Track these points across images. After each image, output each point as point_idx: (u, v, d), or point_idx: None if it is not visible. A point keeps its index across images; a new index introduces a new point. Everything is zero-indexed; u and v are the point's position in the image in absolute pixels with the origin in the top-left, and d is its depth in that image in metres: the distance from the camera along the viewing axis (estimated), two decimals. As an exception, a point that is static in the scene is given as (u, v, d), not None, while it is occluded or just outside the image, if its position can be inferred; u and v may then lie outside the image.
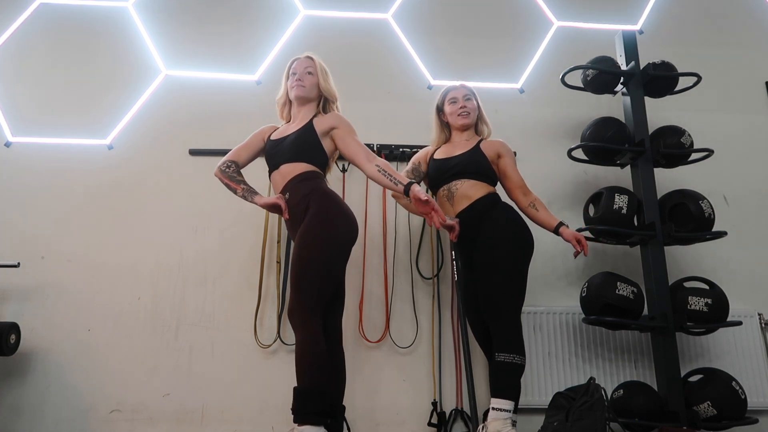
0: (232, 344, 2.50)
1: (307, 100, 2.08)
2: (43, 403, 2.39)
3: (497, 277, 2.00)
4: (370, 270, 2.62)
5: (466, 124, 2.29)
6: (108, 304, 2.52)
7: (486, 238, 2.08)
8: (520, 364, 1.93)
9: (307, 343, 1.74)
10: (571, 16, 3.09)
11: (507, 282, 2.00)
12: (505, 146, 2.27)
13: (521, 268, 2.05)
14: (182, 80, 2.86)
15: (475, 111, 2.30)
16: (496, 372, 1.94)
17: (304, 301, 1.77)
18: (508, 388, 1.91)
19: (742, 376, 2.44)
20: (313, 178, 1.95)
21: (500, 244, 2.04)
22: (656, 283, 2.32)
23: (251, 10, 3.01)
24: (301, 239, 1.83)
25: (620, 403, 2.23)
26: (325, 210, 1.86)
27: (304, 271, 1.79)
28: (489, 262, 2.04)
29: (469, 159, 2.20)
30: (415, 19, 3.03)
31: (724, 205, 2.82)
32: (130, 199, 2.67)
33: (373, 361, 2.52)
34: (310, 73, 2.08)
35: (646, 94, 2.59)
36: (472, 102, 2.30)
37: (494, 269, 2.02)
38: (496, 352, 1.94)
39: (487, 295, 2.02)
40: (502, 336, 1.96)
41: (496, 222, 2.08)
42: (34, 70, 2.84)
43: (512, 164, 2.25)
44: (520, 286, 2.04)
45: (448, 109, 2.31)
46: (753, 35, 3.16)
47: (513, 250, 2.04)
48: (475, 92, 2.34)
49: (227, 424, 2.41)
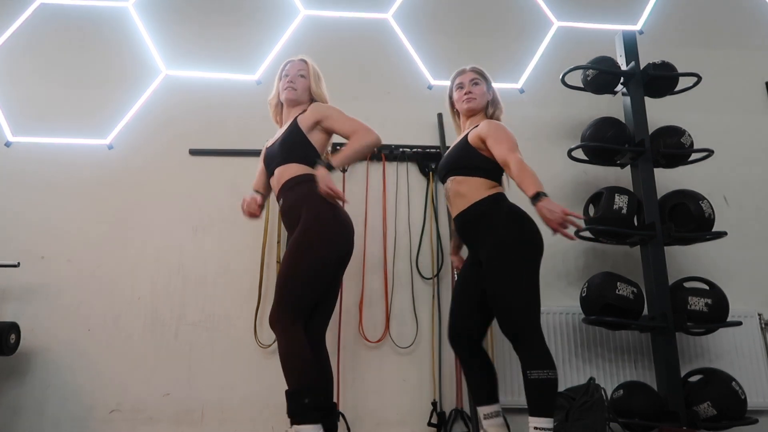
0: (232, 344, 2.50)
1: (297, 103, 2.07)
2: (43, 403, 2.39)
3: (507, 292, 1.86)
4: (370, 270, 2.62)
5: (469, 109, 2.11)
6: (108, 304, 2.52)
7: (487, 248, 1.91)
8: (553, 378, 1.80)
9: (290, 349, 1.72)
10: (571, 16, 3.09)
11: (518, 295, 1.85)
12: (487, 125, 1.99)
13: (530, 276, 1.88)
14: (182, 80, 2.85)
15: (483, 95, 2.11)
16: (531, 391, 1.82)
17: (286, 310, 1.76)
18: (546, 406, 1.81)
19: (742, 376, 2.44)
20: (306, 181, 1.89)
21: (502, 255, 1.88)
22: (656, 283, 2.32)
23: (251, 10, 3.01)
24: (289, 249, 1.83)
25: (620, 403, 2.23)
26: (315, 220, 1.82)
27: (288, 281, 1.78)
28: (494, 276, 1.88)
29: (456, 152, 2.06)
30: (415, 19, 3.03)
31: (724, 205, 2.82)
32: (130, 199, 2.67)
33: (373, 361, 2.52)
34: (302, 77, 2.06)
35: (646, 94, 2.59)
36: (479, 87, 2.12)
37: (501, 285, 1.86)
38: (527, 370, 1.82)
39: (501, 312, 1.88)
40: (527, 353, 1.85)
41: (496, 229, 1.90)
42: (34, 70, 2.84)
43: (495, 141, 1.94)
44: (532, 294, 1.87)
45: (455, 96, 2.17)
46: (753, 35, 3.16)
47: (517, 260, 1.87)
48: (487, 75, 2.16)
49: (227, 424, 2.41)
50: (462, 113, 2.17)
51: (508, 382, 2.46)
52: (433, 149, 2.77)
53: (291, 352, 1.72)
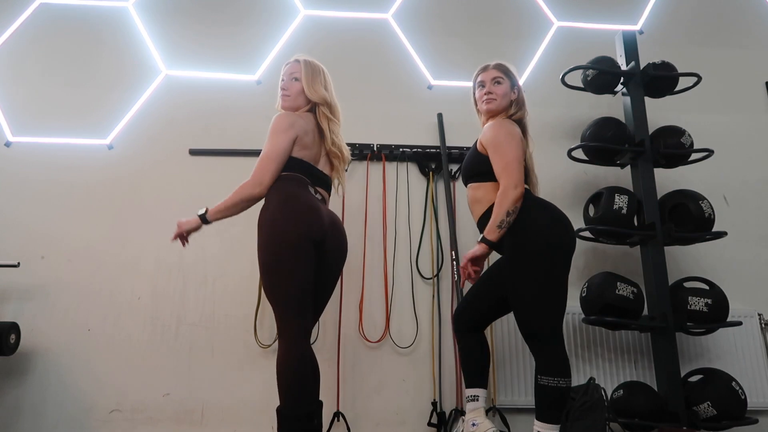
0: (232, 344, 2.50)
1: (294, 108, 1.97)
2: (43, 403, 2.39)
3: (522, 295, 1.82)
4: (370, 270, 2.62)
5: (488, 110, 2.02)
6: (108, 304, 2.52)
7: (507, 250, 1.87)
8: (564, 387, 1.77)
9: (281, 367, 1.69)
10: (571, 16, 3.09)
11: (534, 297, 1.80)
12: (489, 132, 1.93)
13: (546, 279, 1.81)
14: (182, 80, 2.86)
15: (505, 96, 2.01)
16: (540, 396, 1.80)
17: (282, 332, 1.72)
18: (552, 414, 1.79)
19: (742, 376, 2.44)
20: (277, 181, 1.84)
21: (518, 257, 1.83)
22: (656, 283, 2.32)
23: (251, 9, 3.00)
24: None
25: (620, 403, 2.23)
26: (265, 214, 1.79)
27: (264, 282, 1.76)
28: (511, 279, 1.85)
29: (468, 158, 2.04)
30: (415, 19, 3.03)
31: (724, 205, 2.82)
32: (130, 199, 2.67)
33: (373, 361, 2.52)
34: (295, 80, 1.97)
35: (646, 94, 2.59)
36: (502, 86, 2.01)
37: (516, 287, 1.83)
38: (538, 375, 1.80)
39: (518, 314, 1.86)
40: (541, 358, 1.82)
41: (512, 236, 1.85)
42: (34, 70, 2.84)
43: (492, 153, 1.90)
44: (548, 297, 1.81)
45: (477, 95, 2.08)
46: (753, 35, 3.16)
47: (532, 264, 1.81)
48: (512, 72, 2.06)
49: (227, 424, 2.41)
50: (482, 114, 2.09)
51: (508, 382, 2.46)
52: (433, 149, 2.77)
53: (280, 372, 1.69)
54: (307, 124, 1.94)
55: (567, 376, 1.78)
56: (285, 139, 1.84)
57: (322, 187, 1.98)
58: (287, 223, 1.73)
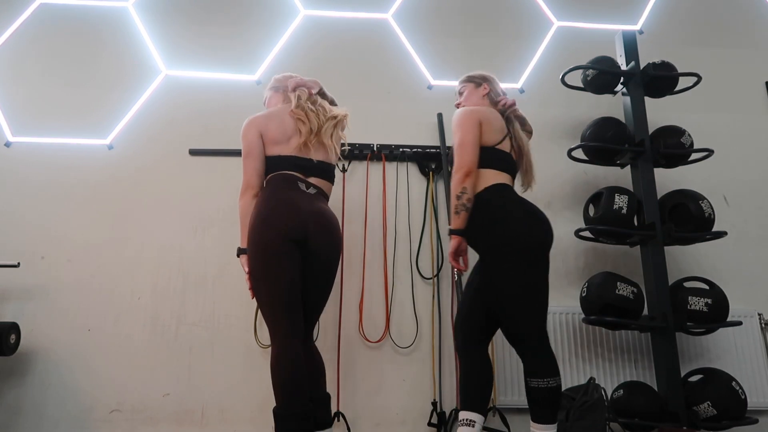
0: (232, 344, 2.50)
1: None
2: (43, 403, 2.39)
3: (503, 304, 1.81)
4: (370, 270, 2.62)
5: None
6: (108, 304, 2.52)
7: (482, 259, 1.88)
8: (555, 387, 1.77)
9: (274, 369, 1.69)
10: (571, 16, 3.09)
11: (516, 305, 1.79)
12: (454, 123, 1.95)
13: (526, 282, 1.79)
14: (182, 80, 2.86)
15: (469, 97, 2.10)
16: (533, 399, 1.79)
17: (273, 334, 1.73)
18: (547, 414, 1.78)
19: (742, 376, 2.44)
20: (264, 186, 1.93)
21: (494, 264, 1.82)
22: (656, 283, 2.32)
23: (251, 10, 3.00)
24: None
25: (620, 403, 2.23)
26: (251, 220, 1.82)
27: (254, 289, 1.79)
28: (491, 288, 1.83)
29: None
30: (415, 19, 3.03)
31: (724, 205, 2.82)
32: (130, 199, 2.67)
33: (373, 361, 2.52)
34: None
35: (646, 94, 2.59)
36: (464, 93, 2.12)
37: (495, 291, 1.82)
38: (528, 378, 1.79)
39: (501, 318, 1.85)
40: (529, 361, 1.81)
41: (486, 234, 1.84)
42: (34, 70, 2.84)
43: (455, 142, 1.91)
44: (532, 301, 1.79)
45: None
46: (753, 35, 3.16)
47: (509, 266, 1.79)
48: (474, 75, 2.13)
49: (227, 424, 2.41)
50: None
51: (508, 382, 2.46)
52: (433, 149, 2.77)
53: (273, 372, 1.69)
54: (270, 118, 1.98)
55: (556, 375, 1.79)
56: (250, 138, 1.95)
57: (318, 176, 1.93)
58: (262, 226, 1.77)
